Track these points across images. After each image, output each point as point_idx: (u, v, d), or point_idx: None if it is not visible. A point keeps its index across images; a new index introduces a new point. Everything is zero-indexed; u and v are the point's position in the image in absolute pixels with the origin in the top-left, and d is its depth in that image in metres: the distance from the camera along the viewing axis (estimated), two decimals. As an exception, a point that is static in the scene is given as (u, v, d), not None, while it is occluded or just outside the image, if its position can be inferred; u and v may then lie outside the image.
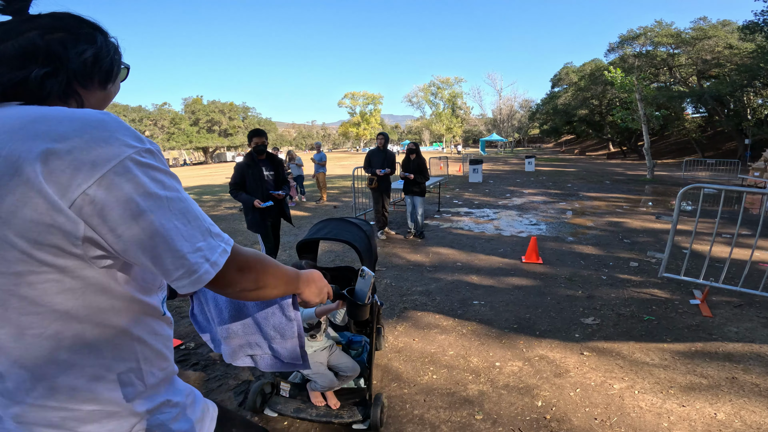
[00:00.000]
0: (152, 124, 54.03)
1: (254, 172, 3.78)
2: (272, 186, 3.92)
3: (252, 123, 61.92)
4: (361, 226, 2.56)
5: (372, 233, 2.65)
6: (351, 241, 2.30)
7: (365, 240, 2.45)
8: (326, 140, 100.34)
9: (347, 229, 2.49)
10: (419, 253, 5.77)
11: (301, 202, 11.03)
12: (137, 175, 0.60)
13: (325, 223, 2.62)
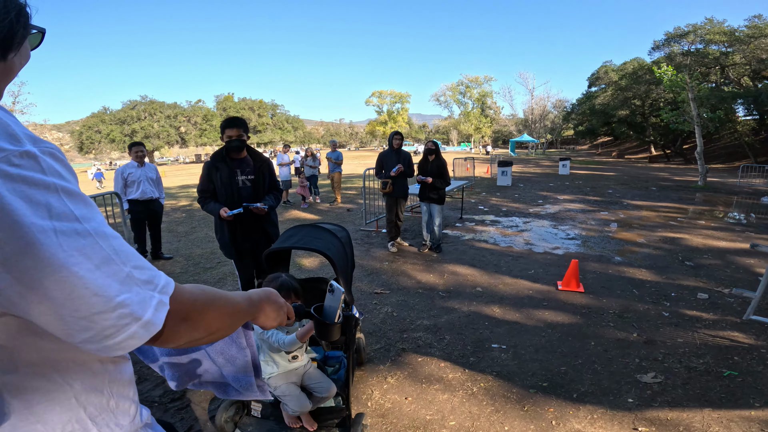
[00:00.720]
0: (186, 120, 55.48)
1: (223, 175, 2.85)
2: (250, 195, 2.95)
3: (280, 120, 62.74)
4: (335, 233, 2.45)
5: (348, 240, 2.59)
6: (323, 250, 2.16)
7: (340, 248, 2.33)
8: (354, 138, 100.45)
9: (319, 237, 2.35)
10: (433, 271, 4.94)
11: (315, 203, 10.40)
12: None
13: (295, 230, 2.48)
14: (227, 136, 2.86)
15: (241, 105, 58.99)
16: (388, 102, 73.25)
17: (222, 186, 2.89)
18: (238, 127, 2.88)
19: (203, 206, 2.97)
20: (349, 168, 25.51)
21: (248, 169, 2.98)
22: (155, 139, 52.05)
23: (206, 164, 2.96)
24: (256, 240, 3.03)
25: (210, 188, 2.93)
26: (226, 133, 2.87)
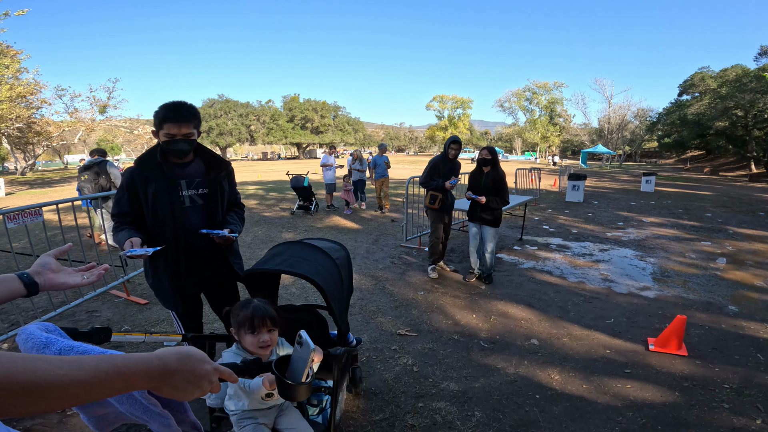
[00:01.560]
0: (256, 119, 58.61)
1: (158, 190, 1.84)
2: (202, 219, 1.96)
3: (341, 122, 64.00)
4: (330, 253, 2.05)
5: (346, 261, 2.20)
6: (310, 276, 1.76)
7: (333, 272, 1.95)
8: (413, 143, 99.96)
9: (309, 257, 1.95)
10: (477, 310, 3.97)
11: (359, 210, 9.77)
12: None
13: (283, 248, 2.08)
14: (166, 135, 1.80)
15: (306, 105, 60.98)
16: (450, 107, 71.83)
17: (156, 207, 1.84)
18: (185, 120, 1.80)
19: (116, 235, 1.84)
20: (404, 172, 24.81)
21: (198, 181, 1.95)
22: (228, 136, 55.57)
23: (128, 174, 1.87)
24: (212, 279, 2.10)
25: (132, 211, 1.86)
26: (165, 129, 1.80)
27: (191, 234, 1.93)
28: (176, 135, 1.81)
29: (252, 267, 1.87)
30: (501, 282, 4.77)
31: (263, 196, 13.14)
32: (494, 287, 4.59)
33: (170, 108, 1.81)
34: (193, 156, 2.00)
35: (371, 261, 5.46)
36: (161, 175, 1.87)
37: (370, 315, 3.77)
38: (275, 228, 7.72)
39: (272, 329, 1.56)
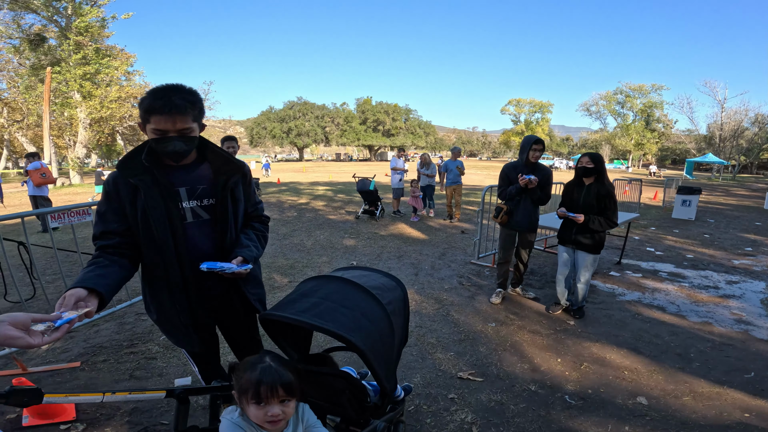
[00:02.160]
0: (330, 121, 60.93)
1: (150, 201, 1.38)
2: (207, 237, 1.51)
3: (412, 125, 63.97)
4: (379, 296, 1.46)
5: (400, 305, 1.57)
6: (344, 334, 1.26)
7: (381, 323, 1.39)
8: (486, 148, 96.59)
9: (347, 302, 1.38)
10: (562, 352, 3.16)
11: (427, 217, 9.16)
12: None
13: (315, 285, 1.52)
14: (155, 131, 1.33)
15: (378, 108, 61.90)
16: (527, 111, 68.15)
17: (149, 224, 1.38)
18: (179, 111, 1.31)
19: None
20: (475, 178, 23.63)
21: (203, 188, 1.49)
22: (305, 137, 58.44)
23: (110, 180, 1.42)
24: (224, 312, 1.64)
25: (117, 228, 1.40)
26: (153, 124, 1.32)
27: (196, 255, 1.47)
28: (169, 131, 1.32)
29: (269, 310, 1.39)
30: (595, 317, 3.86)
31: (331, 197, 13.14)
32: (586, 323, 3.70)
33: (158, 95, 1.29)
34: (196, 156, 1.52)
35: (436, 279, 4.84)
36: (153, 183, 1.38)
37: (428, 349, 3.16)
38: (338, 232, 7.43)
39: (287, 399, 1.15)
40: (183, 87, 1.36)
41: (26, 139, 23.56)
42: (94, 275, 1.24)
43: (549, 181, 3.84)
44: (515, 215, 3.87)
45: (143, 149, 1.42)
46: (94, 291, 1.19)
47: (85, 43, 18.49)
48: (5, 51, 19.71)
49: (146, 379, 2.64)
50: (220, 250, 1.52)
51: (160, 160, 1.44)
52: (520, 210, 3.85)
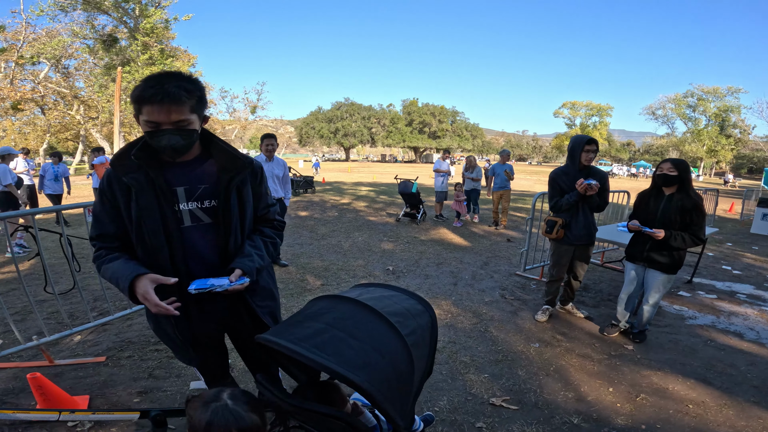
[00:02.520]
0: (377, 122, 61.41)
1: (143, 202, 1.25)
2: (207, 244, 1.36)
3: (459, 127, 62.92)
4: (399, 324, 1.20)
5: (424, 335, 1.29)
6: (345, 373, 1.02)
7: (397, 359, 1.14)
8: (537, 152, 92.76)
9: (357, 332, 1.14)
10: (615, 379, 2.75)
11: (471, 223, 8.76)
12: None
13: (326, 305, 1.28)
14: (147, 123, 1.18)
15: (424, 110, 61.45)
16: (583, 114, 64.59)
17: (142, 228, 1.26)
18: (173, 101, 1.16)
19: (99, 269, 1.31)
20: (524, 183, 22.59)
21: (204, 188, 1.33)
22: (351, 137, 59.31)
23: (106, 179, 1.29)
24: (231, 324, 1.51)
25: (116, 231, 1.31)
26: (145, 115, 1.18)
27: (197, 263, 1.34)
28: (162, 123, 1.16)
29: (267, 333, 1.18)
30: (659, 342, 3.37)
31: (373, 198, 13.06)
32: (647, 349, 3.24)
33: (151, 82, 1.15)
34: (199, 152, 1.35)
35: (476, 291, 4.50)
36: (146, 181, 1.24)
37: (460, 369, 2.86)
38: (377, 235, 7.26)
39: None
40: (180, 74, 1.21)
41: (100, 135, 25.72)
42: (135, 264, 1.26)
43: (606, 186, 3.40)
44: (573, 228, 3.43)
45: (135, 145, 1.26)
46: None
47: (152, 44, 19.81)
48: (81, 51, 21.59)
49: (164, 379, 2.60)
50: (223, 258, 1.36)
51: (156, 156, 1.28)
52: (578, 221, 3.42)
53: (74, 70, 24.89)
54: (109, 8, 18.64)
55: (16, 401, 2.26)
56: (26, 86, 21.20)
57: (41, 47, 19.30)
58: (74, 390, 2.41)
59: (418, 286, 4.56)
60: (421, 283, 4.65)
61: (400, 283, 4.65)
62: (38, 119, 27.25)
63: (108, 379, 2.58)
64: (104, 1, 18.07)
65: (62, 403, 1.99)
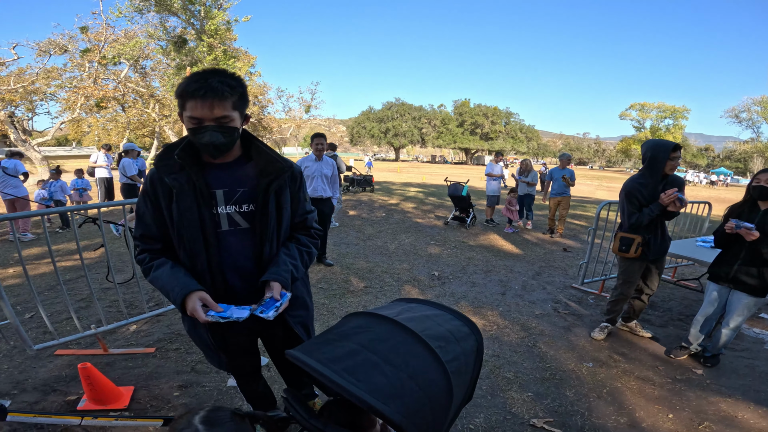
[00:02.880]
0: (427, 122, 60.95)
1: (185, 204, 1.25)
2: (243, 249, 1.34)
3: (513, 129, 60.70)
4: (439, 349, 1.08)
5: (468, 361, 1.15)
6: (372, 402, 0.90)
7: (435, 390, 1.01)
8: (599, 156, 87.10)
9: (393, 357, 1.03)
10: (678, 407, 2.43)
11: (524, 230, 8.32)
12: None
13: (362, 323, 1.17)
14: (190, 119, 1.17)
15: (476, 111, 60.00)
16: (654, 117, 59.66)
17: (182, 231, 1.26)
18: (217, 96, 1.14)
19: (146, 275, 1.30)
20: (584, 189, 21.21)
21: (243, 191, 1.30)
22: (402, 137, 59.40)
23: (149, 180, 1.29)
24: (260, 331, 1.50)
25: (158, 232, 1.30)
26: (188, 111, 1.17)
27: (231, 269, 1.31)
28: (205, 119, 1.15)
29: (296, 350, 1.10)
30: (732, 366, 2.97)
31: (422, 200, 12.89)
32: (719, 374, 2.86)
33: (195, 77, 1.14)
34: (239, 154, 1.33)
35: (526, 302, 4.22)
36: (187, 183, 1.23)
37: (501, 385, 2.66)
38: (423, 238, 7.11)
39: None
40: (224, 71, 1.20)
41: (172, 132, 27.83)
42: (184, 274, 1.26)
43: (683, 187, 3.04)
44: (652, 245, 3.08)
45: (179, 145, 1.26)
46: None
47: (216, 45, 21.01)
48: (156, 52, 23.38)
49: (204, 374, 2.64)
50: (258, 265, 1.33)
51: (198, 157, 1.27)
52: (657, 237, 3.10)
53: (150, 70, 27.12)
54: (178, 10, 19.93)
55: (65, 389, 2.38)
56: (108, 85, 23.30)
57: (121, 48, 21.06)
58: (121, 380, 2.50)
59: (463, 293, 4.37)
60: (467, 291, 4.44)
61: (445, 290, 4.48)
62: (119, 116, 30.03)
63: (154, 371, 2.66)
64: (174, 3, 19.31)
65: (107, 394, 2.08)
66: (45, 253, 5.45)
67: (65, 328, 3.20)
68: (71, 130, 31.07)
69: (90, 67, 20.88)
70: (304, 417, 1.09)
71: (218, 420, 0.94)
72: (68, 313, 3.30)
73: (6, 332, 2.85)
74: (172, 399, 2.34)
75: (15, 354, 2.83)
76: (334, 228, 7.41)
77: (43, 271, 4.66)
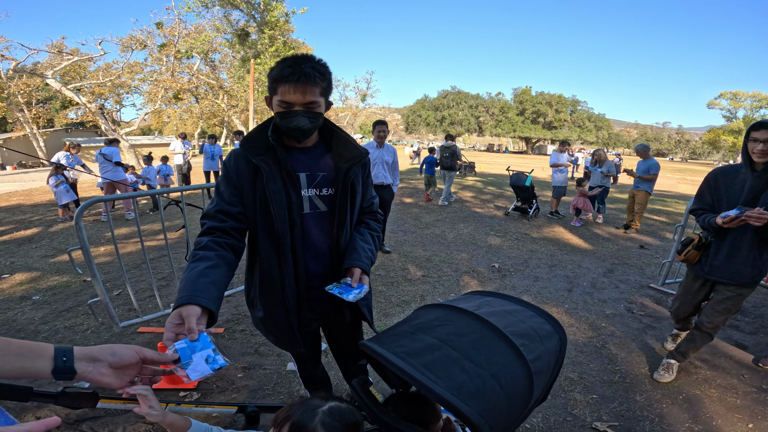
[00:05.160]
0: (485, 111, 58.93)
1: (273, 185, 1.24)
2: (323, 231, 1.36)
3: (580, 117, 56.74)
4: (523, 347, 1.02)
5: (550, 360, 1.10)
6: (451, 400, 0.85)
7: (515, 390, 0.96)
8: (681, 147, 78.82)
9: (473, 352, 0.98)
10: (759, 416, 2.18)
11: (595, 223, 7.75)
12: None
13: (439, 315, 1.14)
14: (281, 103, 1.20)
15: (538, 99, 56.94)
16: (748, 106, 53.11)
17: (270, 211, 1.25)
18: (308, 81, 1.16)
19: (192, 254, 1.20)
20: (664, 182, 19.30)
21: (323, 176, 1.33)
22: (458, 126, 58.05)
23: (233, 159, 1.30)
24: (332, 316, 1.51)
25: (234, 210, 1.27)
26: (279, 95, 1.19)
27: (309, 252, 1.34)
28: (295, 104, 1.18)
29: (370, 340, 1.08)
30: None
31: (480, 189, 12.50)
32: None
33: (288, 62, 1.17)
34: (317, 139, 1.36)
35: (595, 300, 3.91)
36: (275, 164, 1.25)
37: (564, 385, 2.49)
38: (483, 227, 6.87)
39: None
40: (314, 57, 1.21)
41: (239, 122, 29.56)
42: (206, 283, 1.07)
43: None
44: (713, 255, 2.33)
45: (268, 126, 1.29)
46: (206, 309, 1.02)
47: (276, 37, 21.75)
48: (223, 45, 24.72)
49: (266, 356, 2.72)
50: (335, 248, 1.37)
51: (281, 140, 1.30)
52: (723, 246, 2.29)
53: (219, 62, 28.85)
54: (239, 3, 20.85)
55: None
56: (183, 78, 25.13)
57: (192, 42, 22.56)
58: None
59: (526, 288, 4.16)
60: (529, 285, 4.22)
61: (507, 283, 4.29)
62: (193, 107, 32.40)
63: (221, 351, 2.83)
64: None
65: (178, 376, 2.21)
66: (132, 233, 5.98)
67: (148, 306, 3.39)
68: (153, 121, 34.07)
69: (167, 61, 22.53)
70: (374, 410, 1.07)
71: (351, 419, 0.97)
72: (151, 291, 3.53)
73: (96, 309, 3.00)
74: (236, 380, 2.44)
75: (102, 330, 3.02)
76: (392, 214, 7.43)
77: (130, 251, 5.10)
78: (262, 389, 2.36)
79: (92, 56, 19.82)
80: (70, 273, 4.22)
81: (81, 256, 2.63)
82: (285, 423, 0.92)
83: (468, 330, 1.06)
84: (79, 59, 20.22)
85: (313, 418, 0.92)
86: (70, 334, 2.98)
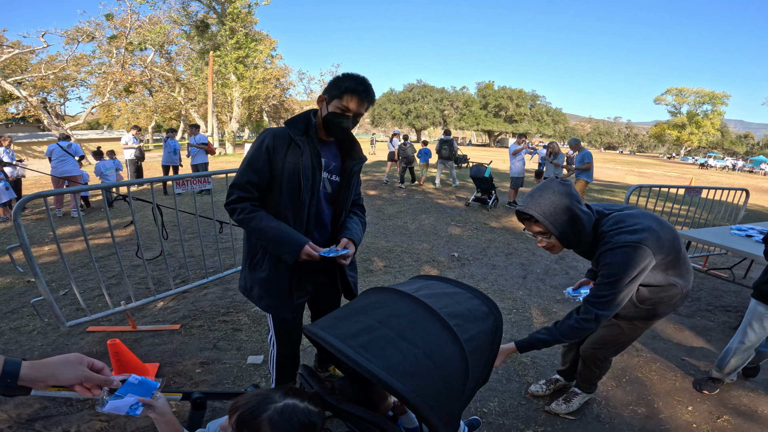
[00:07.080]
0: (449, 104, 59.87)
1: (305, 164, 1.53)
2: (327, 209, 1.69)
3: (539, 112, 58.82)
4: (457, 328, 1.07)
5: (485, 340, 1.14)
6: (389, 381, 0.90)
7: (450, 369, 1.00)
8: (630, 140, 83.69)
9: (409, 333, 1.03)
10: (698, 399, 2.39)
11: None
12: None
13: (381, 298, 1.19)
14: (339, 107, 1.51)
15: (500, 93, 58.53)
16: (691, 102, 57.26)
17: (299, 182, 1.52)
18: (369, 100, 1.54)
19: (245, 218, 1.53)
20: (615, 174, 20.48)
21: (334, 165, 1.68)
22: (423, 119, 58.64)
23: (271, 135, 1.55)
24: (324, 287, 1.82)
25: (261, 182, 1.54)
26: (344, 101, 1.50)
27: (317, 226, 1.67)
28: (352, 112, 1.54)
29: (314, 326, 1.11)
30: (765, 364, 2.82)
31: (443, 180, 12.72)
32: (756, 385, 2.71)
33: (360, 80, 1.53)
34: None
35: (548, 287, 4.14)
36: (310, 149, 1.56)
37: (518, 370, 2.63)
38: (444, 219, 7.05)
39: None
40: (369, 85, 1.56)
41: (197, 115, 28.35)
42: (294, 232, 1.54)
43: None
44: None
45: (308, 116, 1.61)
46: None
47: (237, 29, 21.03)
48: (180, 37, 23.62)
49: (225, 351, 2.70)
50: (332, 223, 1.72)
51: (325, 131, 1.63)
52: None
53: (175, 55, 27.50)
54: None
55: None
56: (135, 70, 23.78)
57: (146, 34, 21.39)
58: (148, 357, 2.58)
59: (483, 275, 4.33)
60: (487, 273, 4.40)
61: (465, 271, 4.45)
62: (147, 100, 30.73)
63: (178, 348, 2.72)
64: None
65: (134, 370, 2.13)
66: (78, 232, 5.66)
67: (97, 305, 3.25)
68: (102, 115, 32.06)
69: (117, 53, 21.27)
70: (320, 393, 1.09)
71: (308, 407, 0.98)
72: (100, 290, 3.40)
73: (41, 309, 2.85)
74: (195, 376, 2.40)
75: (49, 331, 2.90)
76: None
77: (77, 249, 4.82)
78: (222, 383, 2.34)
79: (34, 49, 18.42)
80: (12, 274, 3.95)
81: (23, 256, 2.47)
82: (234, 413, 0.90)
83: (405, 311, 1.10)
84: (20, 52, 18.70)
85: (261, 413, 0.88)
86: (15, 335, 2.84)
